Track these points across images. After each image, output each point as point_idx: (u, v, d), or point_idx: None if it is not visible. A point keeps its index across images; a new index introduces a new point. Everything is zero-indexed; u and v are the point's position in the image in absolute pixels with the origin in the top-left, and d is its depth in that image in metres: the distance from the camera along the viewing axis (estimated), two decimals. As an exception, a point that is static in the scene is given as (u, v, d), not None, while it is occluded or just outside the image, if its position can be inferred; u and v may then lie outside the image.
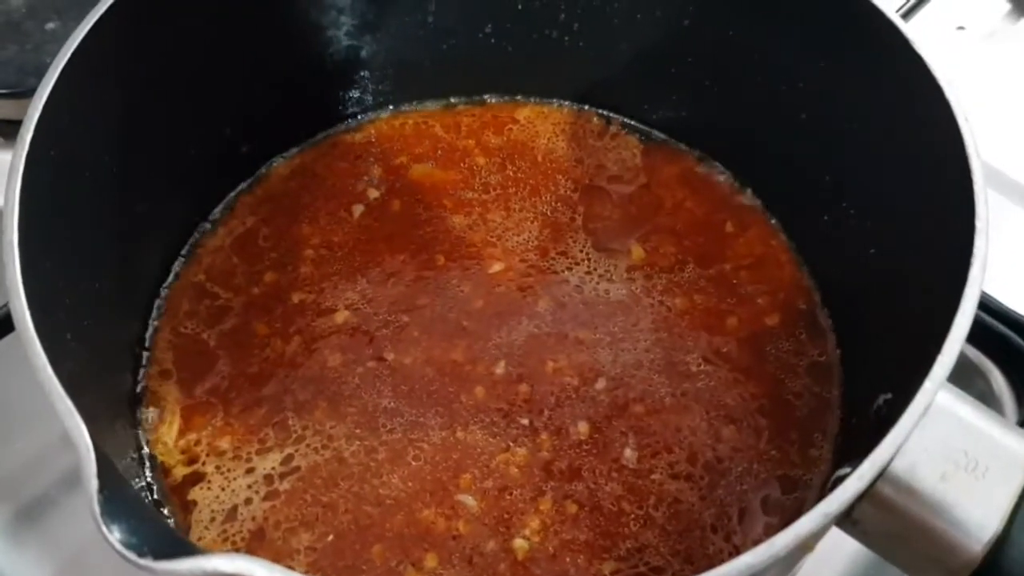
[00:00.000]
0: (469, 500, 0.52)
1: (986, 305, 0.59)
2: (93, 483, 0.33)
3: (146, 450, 0.53)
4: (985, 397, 0.63)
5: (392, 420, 0.54)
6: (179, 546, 0.33)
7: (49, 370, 0.37)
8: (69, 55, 0.46)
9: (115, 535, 0.32)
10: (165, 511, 0.52)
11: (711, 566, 0.34)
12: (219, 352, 0.57)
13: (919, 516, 0.41)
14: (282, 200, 0.64)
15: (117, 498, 0.34)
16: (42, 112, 0.44)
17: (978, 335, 0.58)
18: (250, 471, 0.53)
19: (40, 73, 0.46)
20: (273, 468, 0.53)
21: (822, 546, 0.43)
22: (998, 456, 0.41)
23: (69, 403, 0.36)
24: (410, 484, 0.52)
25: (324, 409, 0.55)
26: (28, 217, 0.42)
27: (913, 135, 0.49)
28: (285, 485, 0.52)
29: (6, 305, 0.40)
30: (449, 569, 0.49)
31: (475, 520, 0.51)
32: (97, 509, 0.33)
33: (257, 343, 0.57)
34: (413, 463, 0.53)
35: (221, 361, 0.57)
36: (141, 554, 0.32)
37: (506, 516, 0.51)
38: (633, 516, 0.51)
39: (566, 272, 0.60)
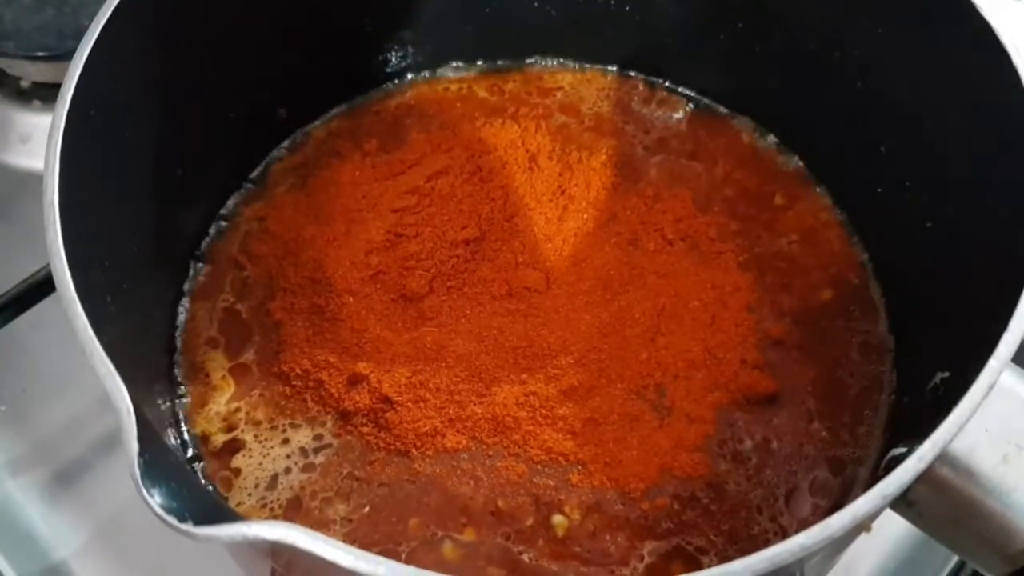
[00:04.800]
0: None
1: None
2: (134, 446, 0.33)
3: (182, 415, 0.53)
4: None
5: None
6: (219, 512, 0.33)
7: (90, 332, 0.37)
8: (109, 14, 0.46)
9: (155, 499, 0.32)
10: (204, 479, 0.51)
11: (756, 547, 0.33)
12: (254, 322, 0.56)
13: (977, 499, 0.39)
14: (320, 165, 0.63)
15: (158, 462, 0.33)
16: (82, 71, 0.44)
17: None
18: (286, 442, 0.52)
19: (78, 36, 0.45)
20: (307, 443, 0.52)
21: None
22: (1062, 439, 0.40)
23: (110, 365, 0.36)
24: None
25: (361, 379, 0.54)
26: (68, 178, 0.41)
27: (976, 104, 0.47)
28: (320, 458, 0.51)
29: (46, 267, 0.40)
30: (487, 544, 0.49)
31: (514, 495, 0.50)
32: (138, 473, 0.32)
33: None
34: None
35: (256, 331, 0.56)
36: (182, 519, 0.32)
37: (545, 492, 0.50)
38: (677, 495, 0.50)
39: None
